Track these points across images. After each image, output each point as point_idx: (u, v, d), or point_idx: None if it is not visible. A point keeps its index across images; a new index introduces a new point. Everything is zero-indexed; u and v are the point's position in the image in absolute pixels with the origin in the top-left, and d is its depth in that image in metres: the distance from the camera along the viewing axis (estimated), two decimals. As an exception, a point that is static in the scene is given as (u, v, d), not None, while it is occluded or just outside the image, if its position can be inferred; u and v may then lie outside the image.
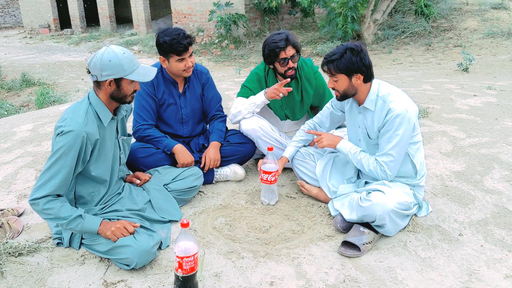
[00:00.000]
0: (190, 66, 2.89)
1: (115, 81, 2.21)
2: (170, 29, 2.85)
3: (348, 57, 2.34)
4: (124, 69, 2.19)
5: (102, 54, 2.18)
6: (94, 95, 2.27)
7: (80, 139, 2.14)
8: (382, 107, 2.40)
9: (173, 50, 2.81)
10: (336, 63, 2.37)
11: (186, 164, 2.91)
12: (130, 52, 2.26)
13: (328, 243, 2.42)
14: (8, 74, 9.79)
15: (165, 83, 3.00)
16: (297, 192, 2.97)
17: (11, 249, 2.26)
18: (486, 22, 10.26)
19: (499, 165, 3.17)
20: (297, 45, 2.94)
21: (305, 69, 3.10)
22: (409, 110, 2.36)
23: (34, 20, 19.01)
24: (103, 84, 2.22)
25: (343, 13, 9.30)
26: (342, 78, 2.40)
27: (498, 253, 2.31)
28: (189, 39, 2.83)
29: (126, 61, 2.19)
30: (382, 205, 2.25)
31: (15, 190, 3.04)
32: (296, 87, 3.09)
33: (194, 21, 13.14)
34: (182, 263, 1.92)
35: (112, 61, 2.16)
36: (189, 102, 3.07)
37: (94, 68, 2.19)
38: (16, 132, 4.25)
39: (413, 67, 8.17)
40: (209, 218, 2.68)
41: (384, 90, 2.43)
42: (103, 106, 2.28)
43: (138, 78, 2.24)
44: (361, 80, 2.39)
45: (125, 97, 2.29)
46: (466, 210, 2.68)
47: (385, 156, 2.41)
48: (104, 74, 2.18)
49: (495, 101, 4.75)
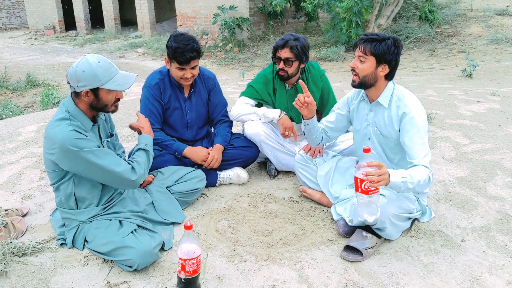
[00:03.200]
0: (187, 78, 2.90)
1: (92, 91, 2.20)
2: (183, 36, 2.83)
3: (389, 44, 2.30)
4: (99, 78, 2.17)
5: (77, 64, 2.16)
6: (72, 105, 2.24)
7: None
8: (398, 106, 2.37)
9: (175, 58, 2.82)
10: (375, 44, 2.31)
11: (205, 159, 2.95)
12: (106, 60, 2.23)
13: (330, 247, 2.42)
14: (13, 75, 9.84)
15: (172, 87, 3.02)
16: (300, 196, 2.97)
17: (15, 249, 2.27)
18: (490, 28, 10.26)
19: (502, 171, 3.17)
20: (296, 51, 2.94)
21: (312, 72, 3.14)
22: (424, 114, 2.38)
23: (39, 21, 19.11)
24: (81, 95, 2.21)
25: (347, 18, 9.32)
26: (371, 61, 2.33)
27: (501, 260, 2.31)
28: (195, 53, 2.81)
29: (100, 70, 2.17)
30: (382, 209, 2.23)
31: (19, 190, 3.06)
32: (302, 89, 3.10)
33: (199, 24, 13.18)
34: (185, 265, 1.93)
35: (86, 72, 2.14)
36: (194, 106, 3.09)
37: (71, 79, 2.18)
38: (21, 132, 4.27)
39: (417, 73, 8.17)
40: (212, 220, 2.69)
41: (400, 91, 2.42)
42: (83, 115, 2.26)
43: (115, 87, 2.22)
44: (384, 73, 2.35)
45: (106, 106, 2.27)
46: (468, 216, 2.68)
47: (426, 158, 2.26)
48: (80, 85, 2.17)
49: (499, 108, 4.75)
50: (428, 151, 2.30)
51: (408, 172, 2.16)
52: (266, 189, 3.08)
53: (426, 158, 2.27)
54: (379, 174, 2.02)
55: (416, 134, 2.30)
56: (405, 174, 2.14)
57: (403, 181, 2.12)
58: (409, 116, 2.32)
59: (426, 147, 2.30)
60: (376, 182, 2.02)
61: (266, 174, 3.31)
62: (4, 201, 2.93)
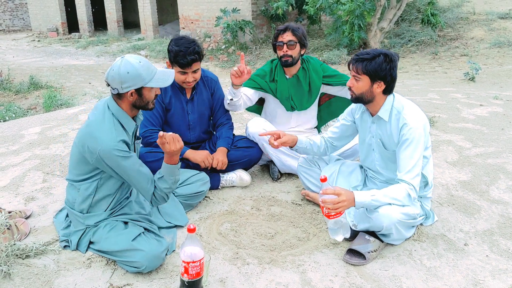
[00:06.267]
0: (189, 82, 2.90)
1: (136, 91, 2.23)
2: (184, 39, 2.85)
3: (380, 61, 2.29)
4: (143, 78, 2.20)
5: (119, 66, 2.17)
6: (115, 106, 2.27)
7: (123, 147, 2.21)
8: (397, 119, 2.37)
9: (176, 61, 2.83)
10: (365, 63, 2.31)
11: (206, 162, 2.94)
12: (145, 60, 2.26)
13: (333, 250, 2.42)
14: (16, 77, 9.86)
15: (173, 89, 3.02)
16: (303, 199, 2.97)
17: (18, 251, 2.28)
18: (493, 32, 10.26)
19: (505, 175, 3.17)
20: (298, 34, 3.06)
21: (311, 62, 3.24)
22: (425, 125, 2.36)
23: (43, 24, 19.19)
24: (125, 96, 2.23)
25: (349, 21, 9.33)
26: (365, 80, 2.34)
27: (504, 264, 2.31)
28: (196, 55, 2.82)
29: (143, 69, 2.20)
30: (388, 216, 2.23)
31: (23, 192, 3.07)
32: (304, 77, 3.20)
33: (201, 27, 13.21)
34: (188, 268, 1.94)
35: (130, 73, 2.17)
36: (196, 108, 3.09)
37: (113, 81, 2.20)
38: (24, 134, 4.28)
39: (419, 76, 8.17)
40: (214, 223, 2.70)
41: (399, 103, 2.40)
42: (126, 116, 2.29)
43: (158, 84, 2.26)
44: (381, 89, 2.34)
45: (147, 104, 2.30)
46: (471, 220, 2.68)
47: (410, 174, 2.28)
48: (124, 86, 2.19)
49: (501, 111, 4.75)
50: (415, 164, 2.28)
51: (382, 191, 2.27)
52: (269, 192, 3.09)
53: (410, 174, 2.28)
54: (334, 202, 2.17)
55: (408, 146, 2.30)
56: (374, 193, 2.25)
57: (373, 199, 2.23)
58: (405, 128, 2.32)
59: (413, 161, 2.28)
60: (332, 209, 2.17)
61: (268, 177, 3.32)
62: (8, 203, 2.94)
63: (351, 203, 2.21)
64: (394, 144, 2.41)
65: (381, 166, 2.56)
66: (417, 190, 2.31)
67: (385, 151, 2.49)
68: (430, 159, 2.49)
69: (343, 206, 2.18)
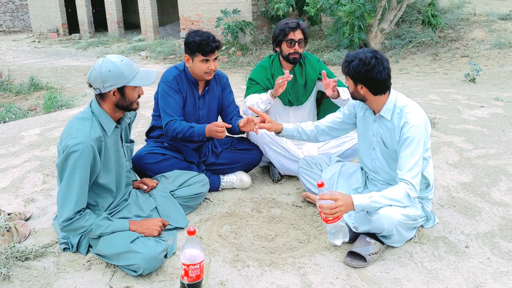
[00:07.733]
0: (212, 69, 2.93)
1: (119, 90, 2.23)
2: (201, 31, 2.93)
3: (354, 65, 2.33)
4: (125, 76, 2.21)
5: (101, 66, 2.19)
6: (97, 106, 2.29)
7: (90, 150, 2.17)
8: (399, 117, 2.37)
9: (200, 50, 2.86)
10: (345, 66, 2.39)
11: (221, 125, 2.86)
12: (127, 59, 2.28)
13: (334, 253, 2.41)
14: (16, 78, 9.86)
15: (188, 82, 3.03)
16: (303, 201, 2.97)
17: (18, 253, 2.27)
18: (493, 33, 10.24)
19: (506, 177, 3.16)
20: (306, 32, 3.15)
21: (309, 58, 3.30)
22: (426, 125, 2.35)
23: (43, 25, 19.19)
24: (107, 95, 2.24)
25: (350, 22, 9.32)
26: (349, 81, 2.43)
27: (505, 266, 2.30)
28: (218, 43, 2.91)
29: (125, 68, 2.21)
30: (389, 217, 2.23)
31: (23, 194, 3.06)
32: (300, 72, 3.24)
33: (202, 28, 13.12)
34: (188, 271, 1.93)
35: (112, 71, 2.18)
36: (207, 104, 3.11)
37: (95, 81, 2.21)
38: (24, 136, 4.28)
39: (420, 77, 8.16)
40: (215, 225, 2.69)
41: (402, 102, 2.41)
42: (106, 116, 2.29)
43: (141, 83, 2.26)
44: (365, 91, 2.37)
45: (131, 104, 2.31)
46: (472, 222, 2.67)
47: (410, 172, 2.28)
48: (106, 86, 2.20)
49: (502, 112, 4.74)
50: (416, 163, 2.28)
51: (381, 192, 2.27)
52: (269, 194, 3.08)
53: (410, 172, 2.28)
54: (331, 207, 2.18)
55: (409, 145, 2.30)
56: (373, 194, 2.26)
57: (372, 201, 2.23)
58: (407, 127, 2.32)
59: (414, 159, 2.28)
60: (329, 214, 2.19)
61: (269, 179, 3.31)
62: (7, 204, 2.93)
63: (349, 207, 2.22)
64: (395, 142, 2.41)
65: (382, 165, 2.55)
66: (417, 189, 2.30)
67: (386, 150, 2.49)
68: (430, 161, 2.48)
69: (340, 211, 2.20)
